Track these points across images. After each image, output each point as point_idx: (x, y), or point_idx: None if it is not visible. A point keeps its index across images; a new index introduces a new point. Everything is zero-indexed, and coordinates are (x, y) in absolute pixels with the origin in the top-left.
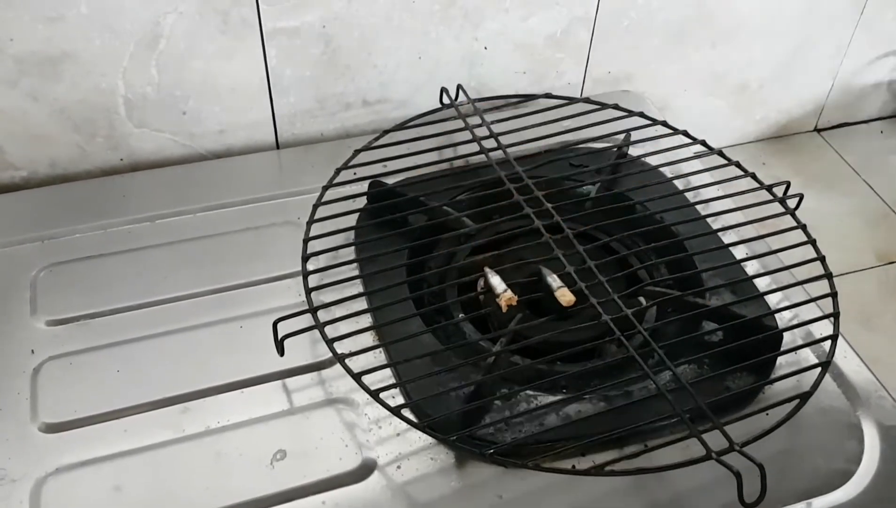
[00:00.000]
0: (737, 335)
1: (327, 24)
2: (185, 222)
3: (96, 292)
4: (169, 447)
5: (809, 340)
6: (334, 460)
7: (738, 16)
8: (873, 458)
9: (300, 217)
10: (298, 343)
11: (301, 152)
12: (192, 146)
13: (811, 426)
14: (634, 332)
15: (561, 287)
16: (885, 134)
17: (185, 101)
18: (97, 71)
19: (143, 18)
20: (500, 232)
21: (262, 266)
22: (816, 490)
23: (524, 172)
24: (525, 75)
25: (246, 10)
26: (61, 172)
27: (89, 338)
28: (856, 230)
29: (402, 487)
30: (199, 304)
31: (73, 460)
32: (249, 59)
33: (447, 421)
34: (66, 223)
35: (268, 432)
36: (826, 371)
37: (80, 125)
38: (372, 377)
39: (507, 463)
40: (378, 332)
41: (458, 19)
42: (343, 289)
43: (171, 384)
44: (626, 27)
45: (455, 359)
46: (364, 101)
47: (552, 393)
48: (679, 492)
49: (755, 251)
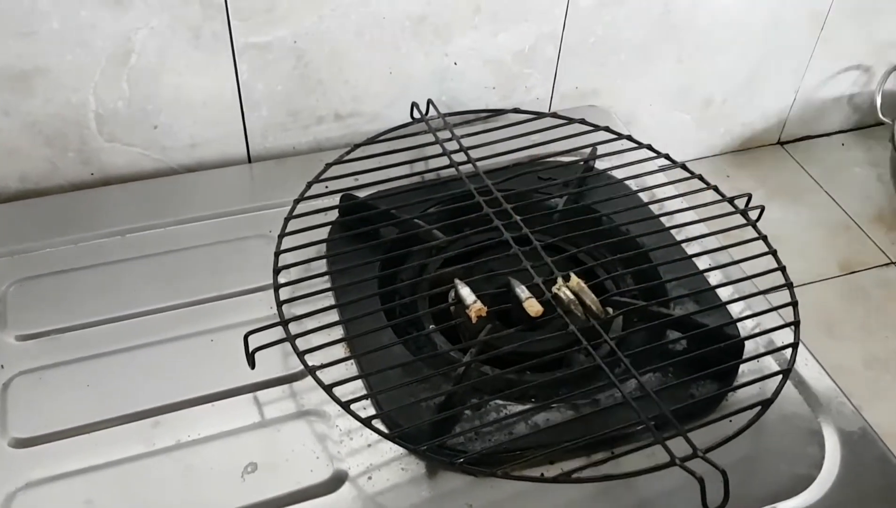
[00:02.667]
0: (700, 344)
1: (298, 40)
2: (156, 236)
3: (67, 307)
4: (140, 460)
5: (771, 348)
6: (305, 472)
7: (703, 32)
8: (834, 463)
9: (272, 230)
10: (270, 356)
11: (273, 166)
12: (163, 160)
13: (773, 433)
14: (601, 341)
15: (529, 298)
16: (847, 146)
17: (156, 115)
18: (69, 86)
19: (115, 34)
20: (470, 244)
21: (233, 279)
22: (779, 495)
23: (493, 185)
24: (494, 90)
25: (217, 25)
26: (32, 186)
27: (60, 353)
28: (818, 241)
29: (373, 497)
30: (170, 318)
31: (43, 475)
32: (221, 73)
33: (418, 431)
34: (37, 238)
35: (239, 445)
36: (787, 378)
37: (51, 140)
38: (343, 389)
39: (476, 472)
40: (349, 344)
41: (428, 35)
42: (315, 301)
43: (142, 398)
44: (592, 44)
45: (426, 370)
46: (336, 115)
47: (521, 402)
48: (645, 498)
49: (718, 262)
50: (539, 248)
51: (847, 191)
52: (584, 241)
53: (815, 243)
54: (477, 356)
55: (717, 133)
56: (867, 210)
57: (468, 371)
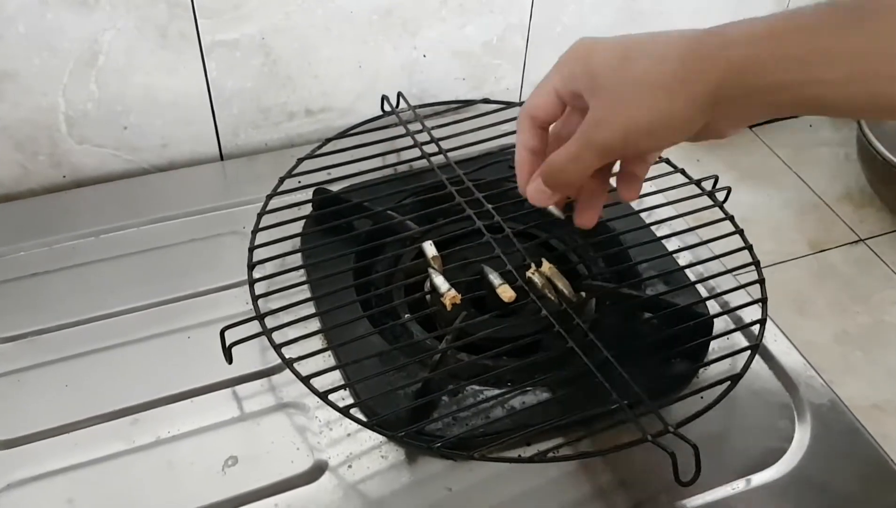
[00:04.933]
0: (671, 323)
1: (266, 36)
2: (129, 236)
3: (43, 309)
4: (120, 458)
5: (740, 325)
6: (286, 463)
7: (668, 18)
8: (805, 435)
9: (245, 226)
10: (247, 351)
11: (245, 163)
12: (134, 161)
13: (744, 408)
14: (574, 325)
15: (502, 284)
16: (814, 128)
17: (126, 116)
18: (37, 89)
19: (82, 36)
20: (444, 234)
21: (208, 277)
22: (750, 468)
23: (465, 175)
24: (464, 81)
25: (184, 24)
26: (4, 191)
27: (37, 355)
28: (788, 221)
29: (353, 486)
30: (146, 316)
31: (24, 475)
32: (189, 72)
33: (396, 419)
34: (11, 242)
35: (219, 439)
36: (755, 353)
37: (21, 144)
38: (321, 380)
39: (455, 456)
40: (326, 335)
41: (396, 28)
42: (290, 295)
43: (120, 396)
44: (559, 33)
45: (402, 358)
46: (307, 110)
47: (497, 387)
48: (622, 476)
49: (687, 243)
50: (511, 235)
51: (815, 171)
52: (555, 227)
53: (786, 224)
54: (452, 342)
55: None
56: (835, 189)
57: (444, 358)
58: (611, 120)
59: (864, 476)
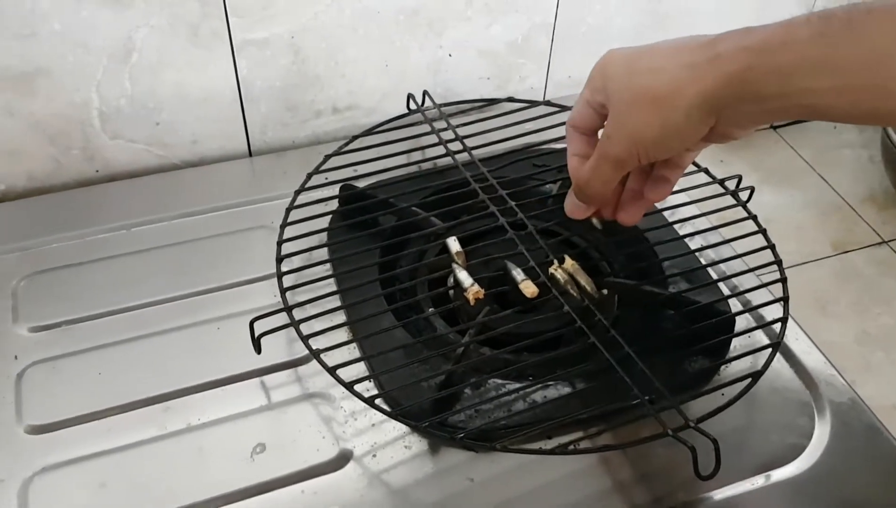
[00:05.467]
0: (693, 321)
1: (296, 35)
2: (160, 230)
3: (76, 299)
4: (152, 444)
5: (761, 323)
6: (312, 451)
7: (693, 19)
8: (824, 433)
9: (273, 221)
10: (275, 342)
11: (273, 159)
12: (165, 156)
13: (765, 404)
14: (596, 321)
15: (525, 280)
16: (838, 129)
17: (157, 112)
18: (71, 85)
19: (116, 33)
20: (468, 230)
21: (237, 269)
22: (770, 464)
23: (489, 172)
24: (489, 81)
25: (216, 22)
26: (38, 184)
27: (71, 343)
28: (811, 222)
29: (377, 474)
30: (176, 307)
31: (58, 459)
32: (220, 70)
33: (419, 410)
34: (45, 234)
35: (247, 427)
36: (777, 351)
37: (55, 139)
38: (346, 371)
39: (476, 447)
40: (352, 328)
41: (422, 28)
42: (317, 288)
43: (152, 384)
44: (583, 33)
45: (426, 351)
46: (334, 108)
47: (519, 381)
48: (641, 469)
49: (710, 242)
50: (534, 232)
51: (839, 173)
52: (578, 225)
53: (809, 224)
54: (475, 336)
55: None
56: (859, 191)
57: (467, 352)
58: (619, 133)
59: (883, 475)
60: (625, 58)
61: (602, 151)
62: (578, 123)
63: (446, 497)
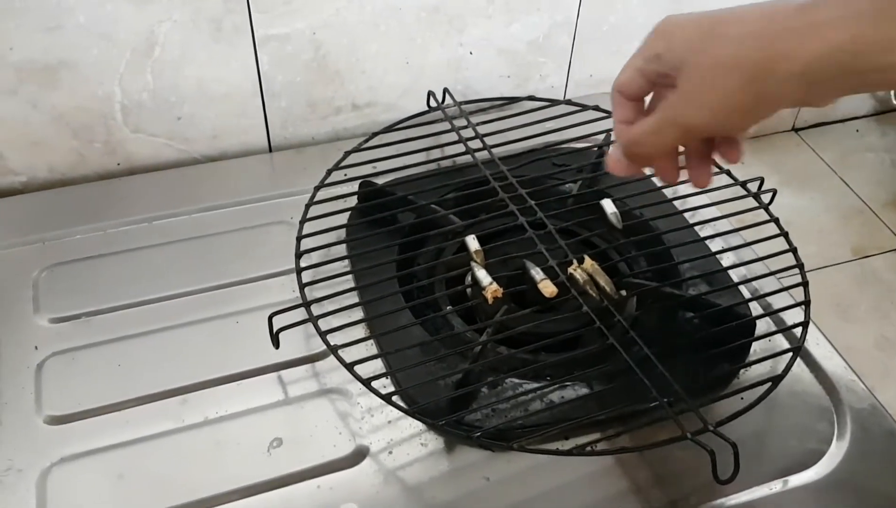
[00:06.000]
0: (713, 324)
1: (317, 31)
2: (181, 224)
3: (96, 291)
4: (169, 436)
5: (782, 327)
6: (328, 447)
7: None
8: (844, 438)
9: (293, 217)
10: (293, 337)
11: (293, 155)
12: (186, 151)
13: (784, 409)
14: (615, 322)
15: (544, 279)
16: (861, 132)
17: (179, 106)
18: (94, 78)
19: (139, 27)
20: (486, 229)
21: (256, 264)
22: (789, 469)
23: (509, 171)
24: (509, 79)
25: (238, 17)
26: (60, 176)
27: (90, 334)
28: (832, 226)
29: (393, 471)
30: (195, 301)
31: (77, 450)
32: (242, 65)
33: (436, 408)
34: (66, 226)
35: (264, 421)
36: (797, 356)
37: (78, 131)
38: (364, 368)
39: (493, 446)
40: (369, 324)
41: (443, 25)
42: (335, 284)
43: (171, 377)
44: (605, 32)
45: (443, 349)
46: (353, 104)
47: (536, 380)
48: (658, 472)
49: (731, 244)
50: (553, 231)
51: (861, 176)
52: (598, 225)
53: (829, 228)
54: (493, 335)
55: None
56: (881, 195)
57: (484, 351)
58: (695, 102)
59: None
60: (696, 24)
61: (670, 117)
62: (626, 89)
63: (462, 496)
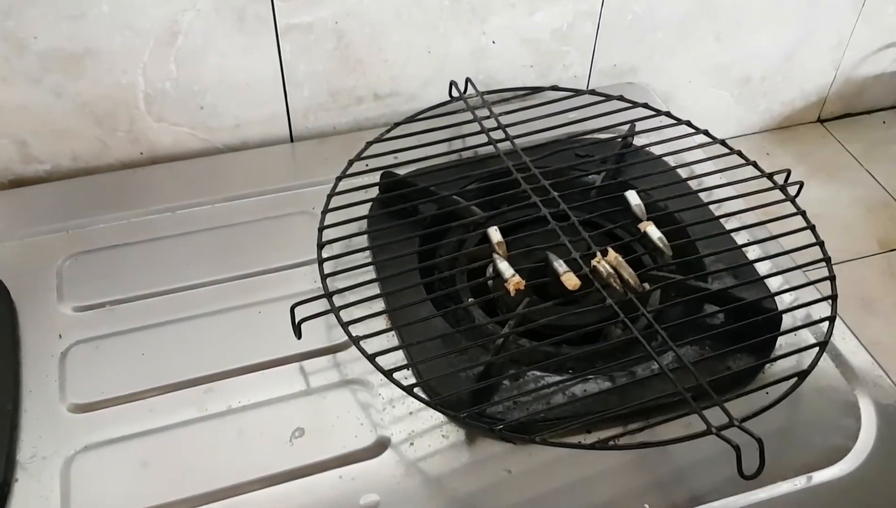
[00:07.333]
0: (738, 317)
1: (339, 20)
2: (203, 213)
3: (120, 280)
4: (193, 425)
5: (808, 321)
6: (350, 437)
7: (741, 9)
8: (870, 435)
9: (314, 207)
10: (314, 327)
11: (315, 145)
12: (209, 140)
13: (810, 404)
14: (638, 315)
15: (567, 272)
16: (888, 124)
17: (202, 96)
18: (118, 67)
19: (162, 16)
20: (508, 220)
21: (278, 254)
22: (814, 465)
23: (531, 162)
24: (532, 69)
25: (261, 7)
26: (83, 165)
27: (114, 323)
28: (858, 219)
29: (414, 462)
30: (218, 290)
31: (101, 438)
32: (264, 54)
33: (458, 400)
34: (90, 214)
35: (287, 411)
36: (823, 351)
37: (101, 120)
38: (385, 359)
39: (515, 439)
40: (391, 316)
41: (465, 14)
42: (357, 275)
43: (194, 366)
44: (630, 21)
45: (465, 341)
46: (375, 94)
47: (559, 373)
48: (682, 467)
49: (756, 237)
50: (577, 223)
51: (888, 169)
52: (622, 217)
53: (855, 221)
54: (515, 328)
55: (756, 111)
56: None
57: (506, 343)
58: None
59: None
60: None
61: None
62: None
63: (483, 488)
